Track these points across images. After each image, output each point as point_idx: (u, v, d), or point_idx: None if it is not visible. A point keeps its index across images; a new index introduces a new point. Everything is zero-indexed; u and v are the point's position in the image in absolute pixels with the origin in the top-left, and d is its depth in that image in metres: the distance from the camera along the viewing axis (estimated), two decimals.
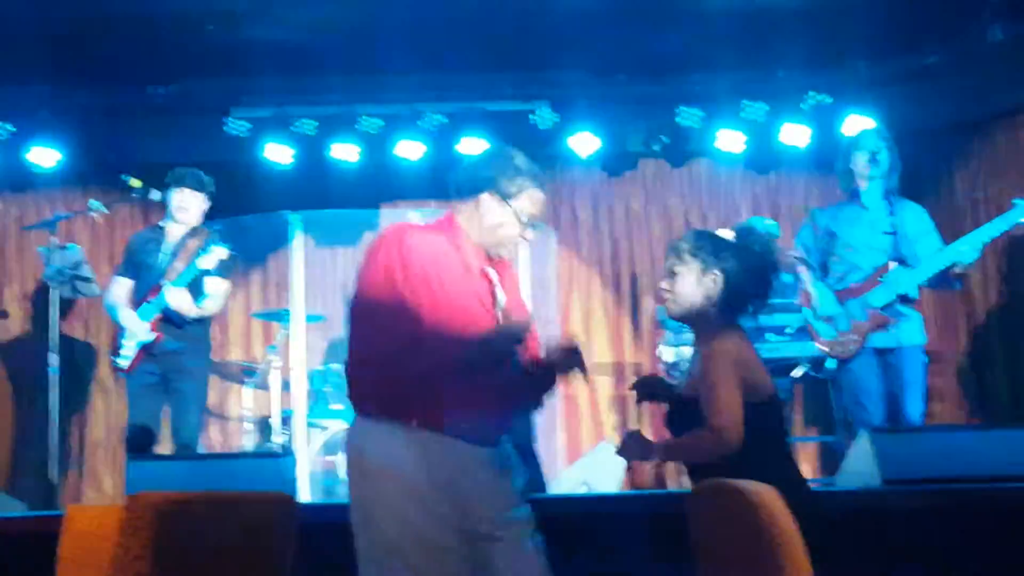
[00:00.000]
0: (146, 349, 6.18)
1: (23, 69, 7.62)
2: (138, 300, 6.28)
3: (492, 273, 3.44)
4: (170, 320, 6.17)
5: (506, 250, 3.48)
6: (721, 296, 3.56)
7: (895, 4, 7.09)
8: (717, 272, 3.55)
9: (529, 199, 3.43)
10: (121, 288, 6.41)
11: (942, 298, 7.79)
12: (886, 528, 4.37)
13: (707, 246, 3.58)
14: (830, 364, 6.06)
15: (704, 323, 3.59)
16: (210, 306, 6.34)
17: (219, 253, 6.16)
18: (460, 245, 3.39)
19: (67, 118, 8.07)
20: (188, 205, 6.39)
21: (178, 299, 6.12)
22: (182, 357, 6.23)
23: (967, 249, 5.69)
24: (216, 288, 6.28)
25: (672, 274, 3.62)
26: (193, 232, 6.40)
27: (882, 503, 4.49)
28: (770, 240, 3.69)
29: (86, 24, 7.10)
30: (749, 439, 3.35)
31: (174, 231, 6.41)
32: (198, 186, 6.41)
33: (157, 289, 6.18)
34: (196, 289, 6.24)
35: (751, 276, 3.57)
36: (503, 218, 3.41)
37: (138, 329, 6.17)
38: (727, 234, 3.65)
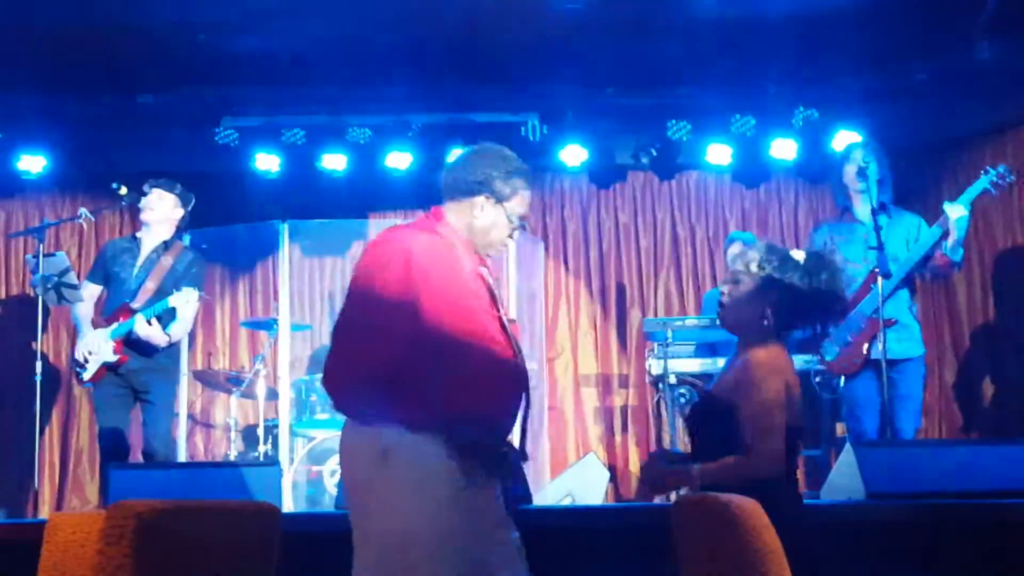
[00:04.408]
0: (109, 367, 6.15)
1: (12, 76, 7.62)
2: (107, 315, 6.24)
3: (485, 272, 3.39)
4: (138, 343, 6.11)
5: (495, 250, 3.45)
6: (777, 312, 3.51)
7: (884, 21, 7.12)
8: (776, 289, 3.51)
9: (521, 200, 3.42)
10: (88, 297, 6.37)
11: (928, 313, 7.82)
12: (870, 542, 4.38)
13: (775, 260, 3.54)
14: (838, 382, 6.08)
15: (753, 333, 3.54)
16: (180, 331, 6.26)
17: (190, 295, 6.11)
18: (455, 246, 3.34)
19: (56, 126, 8.07)
20: (154, 205, 6.31)
21: (148, 331, 6.06)
22: (148, 374, 6.17)
23: (955, 210, 5.72)
24: (185, 310, 6.16)
25: (735, 281, 3.59)
26: (166, 246, 6.35)
27: (867, 517, 4.49)
28: (838, 271, 3.58)
29: (76, 32, 7.09)
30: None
31: (148, 243, 6.36)
32: (168, 187, 6.35)
33: (128, 311, 6.13)
34: (167, 310, 6.16)
35: (812, 300, 3.52)
36: (495, 220, 3.39)
37: (103, 349, 6.11)
38: (798, 255, 3.59)
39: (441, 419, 3.13)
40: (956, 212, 5.73)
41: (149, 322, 6.04)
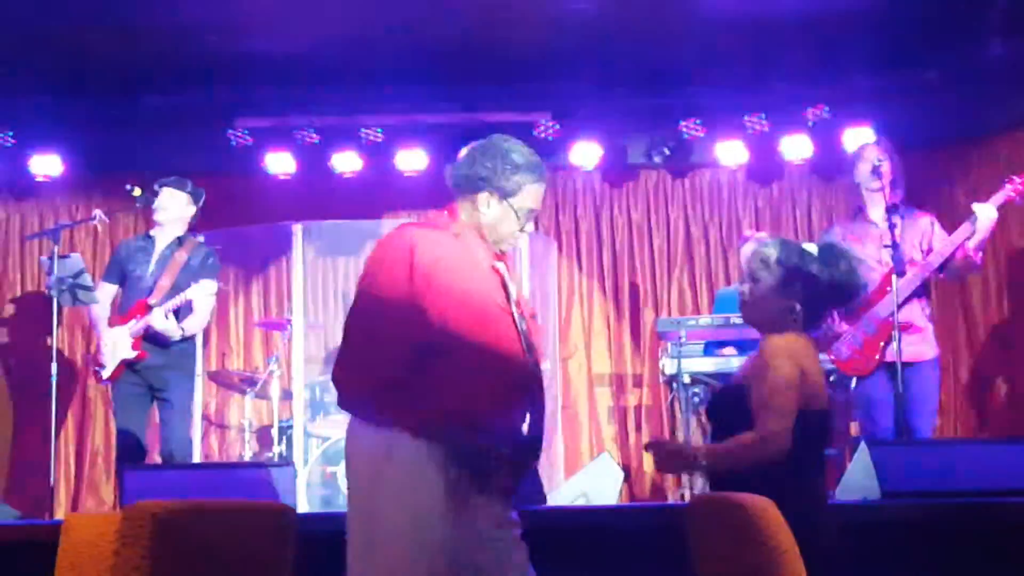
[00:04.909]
0: (127, 364, 6.18)
1: (25, 78, 7.64)
2: (123, 313, 6.27)
3: (501, 267, 3.36)
4: (155, 337, 6.14)
5: (507, 244, 3.42)
6: (803, 305, 3.50)
7: (895, 19, 7.10)
8: (799, 283, 3.50)
9: (528, 194, 3.36)
10: (104, 297, 6.41)
11: (943, 312, 7.80)
12: (886, 541, 4.37)
13: (793, 256, 3.54)
14: (850, 383, 6.05)
15: (776, 328, 3.52)
16: (196, 324, 6.30)
17: (208, 287, 6.13)
18: (466, 242, 3.33)
19: (70, 128, 8.09)
20: (166, 204, 6.35)
21: (164, 324, 6.09)
22: (167, 371, 6.20)
23: (985, 210, 5.69)
24: (202, 302, 6.21)
25: (754, 279, 3.58)
26: (180, 242, 6.39)
27: (882, 516, 4.49)
28: (853, 259, 3.60)
29: (89, 35, 7.12)
30: (790, 449, 3.32)
31: (162, 240, 6.40)
32: (178, 185, 6.39)
33: (144, 307, 6.15)
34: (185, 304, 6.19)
35: (832, 291, 3.53)
36: (502, 215, 3.35)
37: (121, 346, 6.15)
38: (811, 247, 3.58)
39: (442, 424, 3.12)
40: (986, 212, 5.70)
41: (166, 316, 6.07)
